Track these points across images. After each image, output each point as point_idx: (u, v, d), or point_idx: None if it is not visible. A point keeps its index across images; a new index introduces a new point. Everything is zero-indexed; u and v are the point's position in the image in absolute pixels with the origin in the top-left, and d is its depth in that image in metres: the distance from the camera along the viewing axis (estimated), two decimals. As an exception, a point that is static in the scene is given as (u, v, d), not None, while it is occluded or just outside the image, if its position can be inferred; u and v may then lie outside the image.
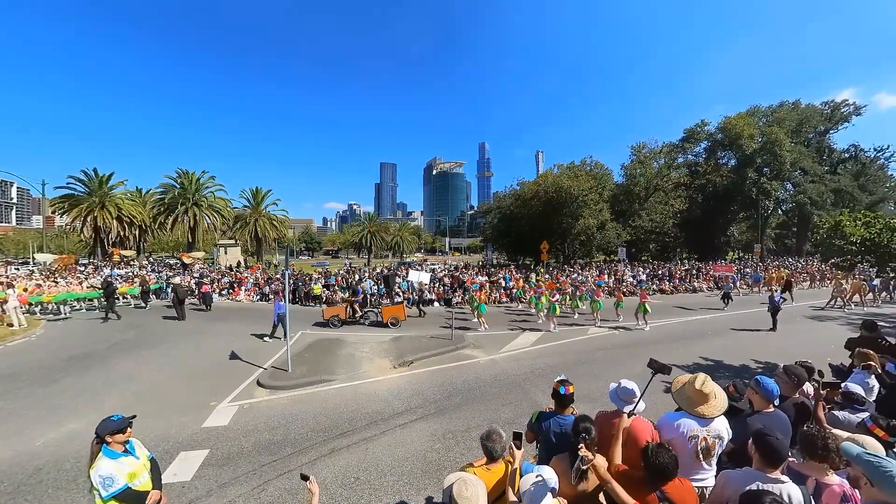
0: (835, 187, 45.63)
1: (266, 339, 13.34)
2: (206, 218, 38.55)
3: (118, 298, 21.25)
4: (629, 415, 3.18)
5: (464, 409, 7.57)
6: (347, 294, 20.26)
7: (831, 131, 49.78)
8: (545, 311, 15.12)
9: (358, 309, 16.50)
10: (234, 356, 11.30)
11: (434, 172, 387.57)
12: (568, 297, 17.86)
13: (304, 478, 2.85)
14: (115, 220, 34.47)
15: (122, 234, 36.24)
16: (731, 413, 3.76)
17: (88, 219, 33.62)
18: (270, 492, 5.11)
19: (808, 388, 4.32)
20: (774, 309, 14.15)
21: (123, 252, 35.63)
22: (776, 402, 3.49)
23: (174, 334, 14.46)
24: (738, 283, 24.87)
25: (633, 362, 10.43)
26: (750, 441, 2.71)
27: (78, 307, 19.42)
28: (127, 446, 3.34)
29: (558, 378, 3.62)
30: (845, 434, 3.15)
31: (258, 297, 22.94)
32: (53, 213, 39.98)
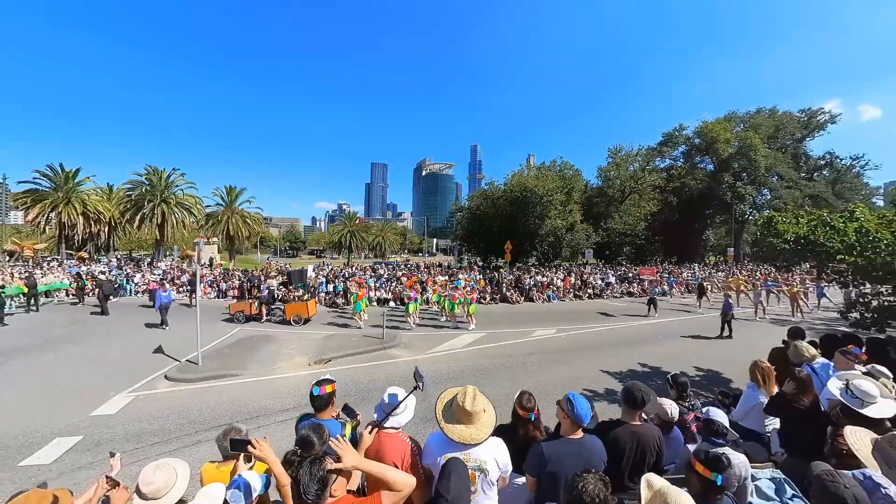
0: (810, 193, 45.89)
1: (164, 328, 14.17)
2: (175, 215, 38.07)
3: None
4: (374, 428, 2.55)
5: (349, 410, 7.53)
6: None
7: (807, 139, 50.21)
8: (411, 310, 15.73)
9: (263, 305, 16.39)
10: (158, 350, 11.29)
11: (424, 173, 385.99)
12: (443, 298, 17.16)
13: (112, 454, 2.77)
14: (80, 217, 33.87)
15: (89, 230, 35.78)
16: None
17: (52, 214, 33.04)
18: (116, 476, 5.13)
19: (674, 408, 3.69)
20: (726, 314, 13.52)
21: (79, 254, 34.27)
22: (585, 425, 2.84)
23: (105, 330, 14.35)
24: (663, 287, 23.93)
25: (566, 368, 10.01)
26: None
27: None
28: None
29: (322, 377, 3.24)
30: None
31: (215, 294, 22.98)
32: (16, 208, 39.40)
